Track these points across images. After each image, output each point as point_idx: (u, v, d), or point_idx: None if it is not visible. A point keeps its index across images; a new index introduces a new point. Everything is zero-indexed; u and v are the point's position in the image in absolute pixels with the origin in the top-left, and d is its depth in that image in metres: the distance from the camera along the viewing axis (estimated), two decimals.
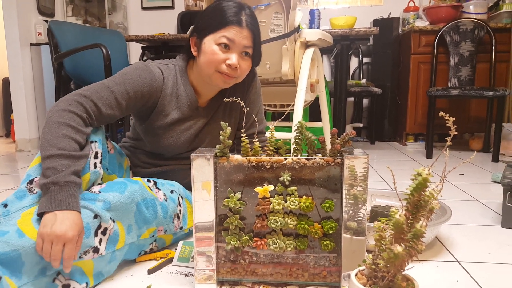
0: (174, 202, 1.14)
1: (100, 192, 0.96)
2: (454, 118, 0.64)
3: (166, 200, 1.11)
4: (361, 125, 3.62)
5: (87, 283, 0.92)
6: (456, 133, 0.63)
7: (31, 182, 0.92)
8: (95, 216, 0.92)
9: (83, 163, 0.93)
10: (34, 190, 0.92)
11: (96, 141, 1.01)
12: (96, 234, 0.92)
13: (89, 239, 0.90)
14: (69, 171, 0.87)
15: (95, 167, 0.99)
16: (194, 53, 1.15)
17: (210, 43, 1.10)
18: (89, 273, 0.93)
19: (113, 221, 0.96)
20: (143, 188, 1.04)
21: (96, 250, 0.92)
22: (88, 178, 0.97)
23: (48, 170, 0.86)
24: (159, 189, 1.12)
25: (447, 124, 0.64)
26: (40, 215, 0.86)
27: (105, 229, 0.94)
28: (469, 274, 1.02)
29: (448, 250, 1.17)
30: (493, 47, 2.86)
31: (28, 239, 0.83)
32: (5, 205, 0.90)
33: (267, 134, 1.01)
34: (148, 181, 1.10)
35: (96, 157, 1.00)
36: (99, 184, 1.02)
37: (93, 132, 1.01)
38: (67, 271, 0.85)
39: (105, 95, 1.02)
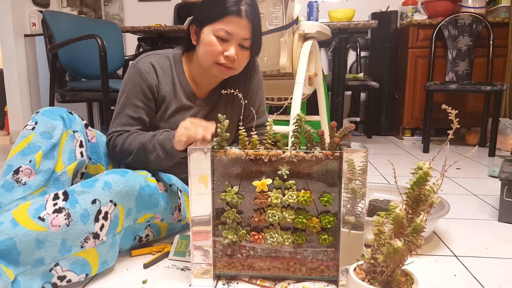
0: (175, 194, 1.14)
1: (100, 176, 0.97)
2: (457, 111, 0.63)
3: (166, 191, 1.11)
4: (358, 119, 3.62)
5: (87, 274, 0.91)
6: (458, 126, 0.62)
7: (16, 172, 0.90)
8: (94, 201, 0.91)
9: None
10: (21, 180, 0.90)
11: (77, 131, 1.00)
12: (96, 220, 0.90)
13: (87, 225, 0.89)
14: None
15: (82, 156, 1.00)
16: (194, 42, 1.15)
17: (209, 34, 1.09)
18: (94, 263, 0.92)
19: (115, 204, 0.95)
20: (145, 176, 1.05)
21: (96, 236, 0.90)
22: (74, 166, 0.97)
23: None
24: (158, 180, 1.11)
25: (449, 117, 0.63)
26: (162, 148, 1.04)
27: (106, 213, 0.93)
28: (467, 268, 1.02)
29: (445, 245, 1.17)
30: (491, 42, 2.85)
31: (22, 227, 0.82)
32: None
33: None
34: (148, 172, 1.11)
35: (81, 146, 1.00)
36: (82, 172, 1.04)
37: (72, 122, 1.00)
38: (213, 129, 0.97)
39: (124, 121, 1.13)
